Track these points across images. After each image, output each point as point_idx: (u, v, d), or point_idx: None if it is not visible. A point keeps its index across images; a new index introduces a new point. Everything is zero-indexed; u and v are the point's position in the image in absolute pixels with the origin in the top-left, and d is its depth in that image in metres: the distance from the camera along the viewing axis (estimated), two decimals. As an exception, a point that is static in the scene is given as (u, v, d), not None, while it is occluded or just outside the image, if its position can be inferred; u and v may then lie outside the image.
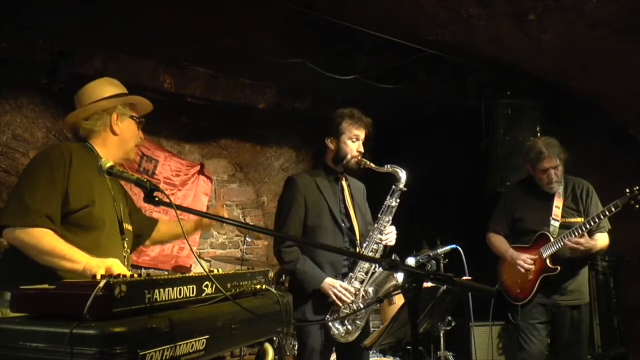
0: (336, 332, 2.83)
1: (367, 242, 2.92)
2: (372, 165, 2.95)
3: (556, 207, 3.42)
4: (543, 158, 3.39)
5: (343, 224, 2.94)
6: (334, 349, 3.01)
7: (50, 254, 1.91)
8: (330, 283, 2.81)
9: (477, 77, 4.82)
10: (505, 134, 4.80)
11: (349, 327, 2.84)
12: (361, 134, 2.98)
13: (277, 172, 5.88)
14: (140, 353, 1.32)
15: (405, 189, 2.96)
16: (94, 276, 1.54)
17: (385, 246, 2.95)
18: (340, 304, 2.81)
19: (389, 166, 2.98)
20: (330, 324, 2.82)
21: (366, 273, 2.89)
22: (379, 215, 2.96)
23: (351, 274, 2.88)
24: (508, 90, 4.84)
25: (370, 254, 2.89)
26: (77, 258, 1.90)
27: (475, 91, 4.92)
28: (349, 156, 2.95)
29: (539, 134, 4.53)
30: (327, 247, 2.86)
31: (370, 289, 2.87)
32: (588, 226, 3.24)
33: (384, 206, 2.97)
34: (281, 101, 5.48)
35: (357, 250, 2.93)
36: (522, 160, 3.82)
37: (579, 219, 3.38)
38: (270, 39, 4.03)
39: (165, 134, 5.10)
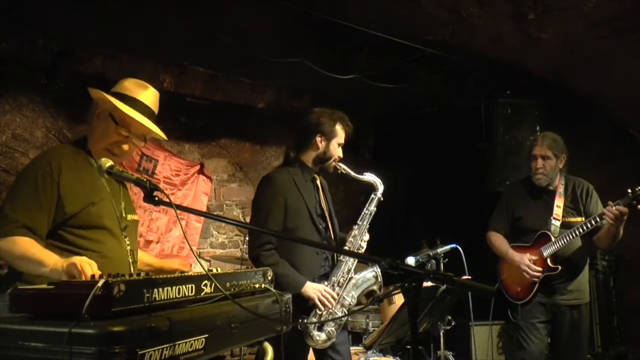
0: (318, 338, 2.75)
1: (349, 248, 2.89)
2: (350, 172, 2.95)
3: (557, 206, 3.41)
4: (535, 145, 3.46)
5: (320, 225, 2.91)
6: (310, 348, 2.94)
7: (21, 258, 1.91)
8: (314, 287, 2.74)
9: (476, 77, 4.81)
10: (504, 134, 4.81)
11: (331, 331, 2.77)
12: (343, 139, 2.99)
13: (276, 172, 5.88)
14: (139, 352, 1.32)
15: (382, 199, 2.97)
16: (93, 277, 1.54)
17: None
18: (323, 308, 2.74)
19: (367, 175, 2.99)
20: (310, 331, 2.74)
21: (346, 275, 2.85)
22: (359, 222, 2.96)
23: (333, 278, 2.83)
24: (508, 90, 4.84)
25: (351, 260, 2.86)
26: (45, 261, 1.86)
27: (475, 91, 4.92)
28: (331, 160, 2.95)
29: (538, 134, 4.53)
30: (323, 246, 2.83)
31: (352, 294, 2.84)
32: (590, 225, 3.21)
33: (363, 214, 2.97)
34: (281, 101, 5.47)
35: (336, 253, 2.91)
36: (523, 160, 3.83)
37: (579, 219, 3.37)
38: (269, 39, 4.03)
39: (165, 134, 5.09)
